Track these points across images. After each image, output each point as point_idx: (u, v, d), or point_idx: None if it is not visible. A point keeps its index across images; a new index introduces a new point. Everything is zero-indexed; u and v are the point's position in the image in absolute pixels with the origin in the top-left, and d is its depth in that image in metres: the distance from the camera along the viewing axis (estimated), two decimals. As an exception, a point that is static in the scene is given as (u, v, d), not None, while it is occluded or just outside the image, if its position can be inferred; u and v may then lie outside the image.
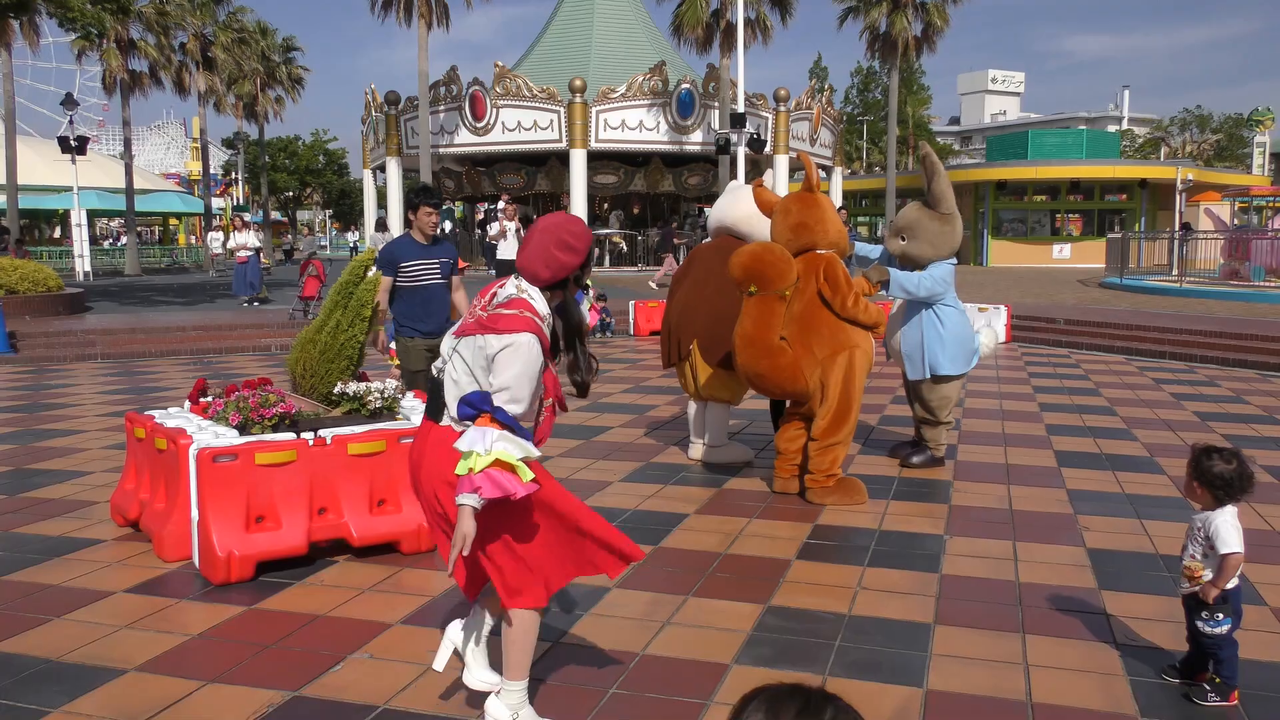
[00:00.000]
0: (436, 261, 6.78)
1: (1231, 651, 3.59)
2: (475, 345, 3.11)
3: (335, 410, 5.59)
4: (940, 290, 6.90)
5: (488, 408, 3.00)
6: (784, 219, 6.41)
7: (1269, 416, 9.27)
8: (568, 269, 3.19)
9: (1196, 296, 21.58)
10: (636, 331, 16.92)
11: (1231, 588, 3.58)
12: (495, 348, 3.06)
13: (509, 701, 3.35)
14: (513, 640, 3.31)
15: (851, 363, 6.18)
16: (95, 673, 3.89)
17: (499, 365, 3.05)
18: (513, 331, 3.05)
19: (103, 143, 74.18)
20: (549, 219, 3.26)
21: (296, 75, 50.85)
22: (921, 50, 39.30)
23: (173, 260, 46.12)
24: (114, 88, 35.86)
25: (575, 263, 3.19)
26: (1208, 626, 3.58)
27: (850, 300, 6.18)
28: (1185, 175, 40.21)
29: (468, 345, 3.15)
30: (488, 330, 3.08)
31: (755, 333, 5.97)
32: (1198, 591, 3.59)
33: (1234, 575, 3.54)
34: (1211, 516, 3.58)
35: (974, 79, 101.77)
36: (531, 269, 3.19)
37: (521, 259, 3.21)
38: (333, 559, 5.20)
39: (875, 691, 3.71)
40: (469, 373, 3.14)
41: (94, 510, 6.17)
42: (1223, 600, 3.56)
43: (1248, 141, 62.39)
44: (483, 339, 3.09)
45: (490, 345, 3.07)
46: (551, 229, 3.20)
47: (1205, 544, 3.59)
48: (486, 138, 31.94)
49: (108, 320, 17.50)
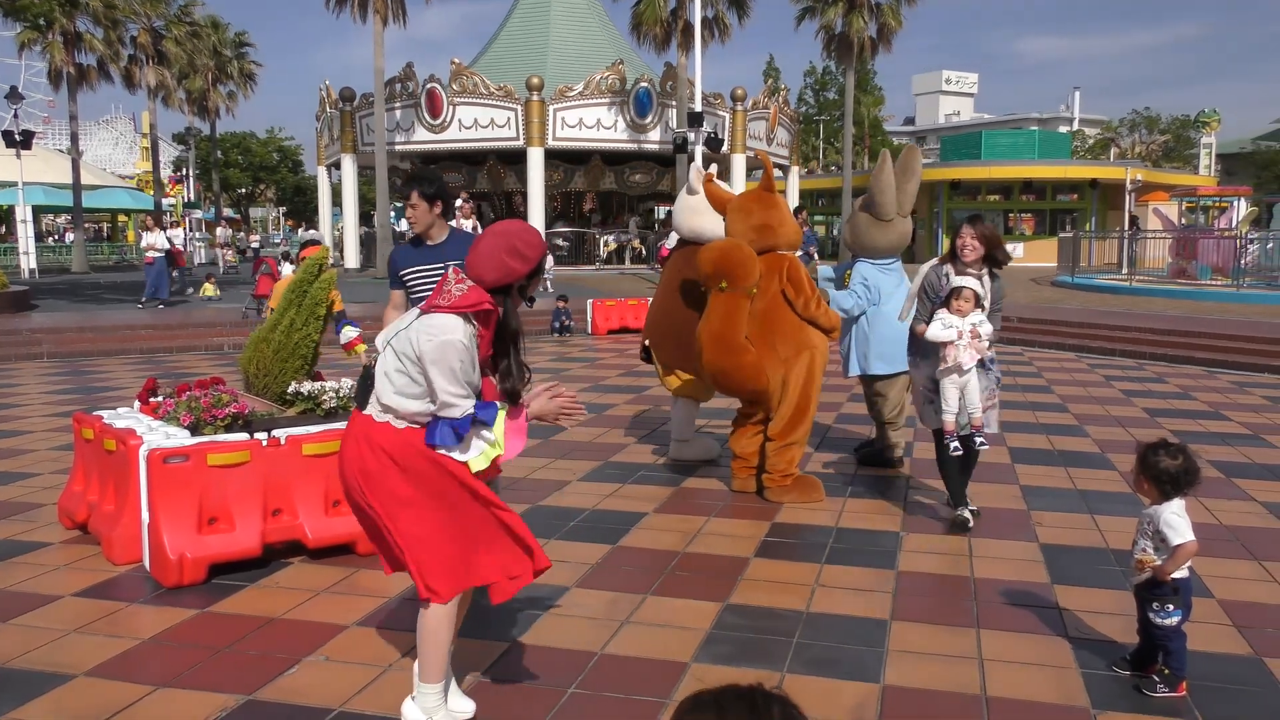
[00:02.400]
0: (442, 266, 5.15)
1: (1180, 643, 3.66)
2: (416, 328, 3.13)
3: (289, 410, 5.53)
4: (864, 304, 6.93)
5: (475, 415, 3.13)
6: (744, 219, 6.37)
7: (1215, 412, 9.45)
8: (514, 275, 3.17)
9: (1146, 295, 21.97)
10: (594, 331, 16.90)
11: (1181, 579, 3.65)
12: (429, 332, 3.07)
13: (424, 705, 3.33)
14: (424, 637, 3.27)
15: (812, 363, 6.22)
16: (43, 678, 3.81)
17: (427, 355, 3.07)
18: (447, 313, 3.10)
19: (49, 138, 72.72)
20: (505, 224, 3.25)
21: (249, 71, 50.20)
22: (877, 51, 39.56)
23: (121, 258, 45.31)
24: (60, 81, 35.15)
25: (523, 270, 3.18)
26: (1158, 618, 3.65)
27: (814, 303, 6.22)
28: (1134, 175, 40.94)
29: (411, 329, 3.15)
30: (431, 313, 3.12)
31: (722, 330, 5.97)
32: (1150, 576, 3.66)
33: (1186, 562, 3.62)
34: (1159, 510, 3.66)
35: (928, 80, 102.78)
36: (477, 271, 3.16)
37: (469, 259, 3.18)
38: (288, 560, 5.14)
39: (833, 688, 3.73)
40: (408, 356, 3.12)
41: (41, 513, 6.04)
42: (1174, 592, 3.63)
43: (1195, 142, 63.64)
44: (424, 320, 3.12)
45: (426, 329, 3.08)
46: (506, 234, 3.19)
47: (1155, 538, 3.66)
48: (443, 135, 31.74)
49: (55, 319, 17.16)
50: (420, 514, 3.16)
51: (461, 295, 3.11)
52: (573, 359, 13.68)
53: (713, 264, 5.91)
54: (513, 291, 3.22)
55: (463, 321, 3.09)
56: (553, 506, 6.19)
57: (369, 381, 3.24)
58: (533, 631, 4.25)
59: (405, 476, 3.16)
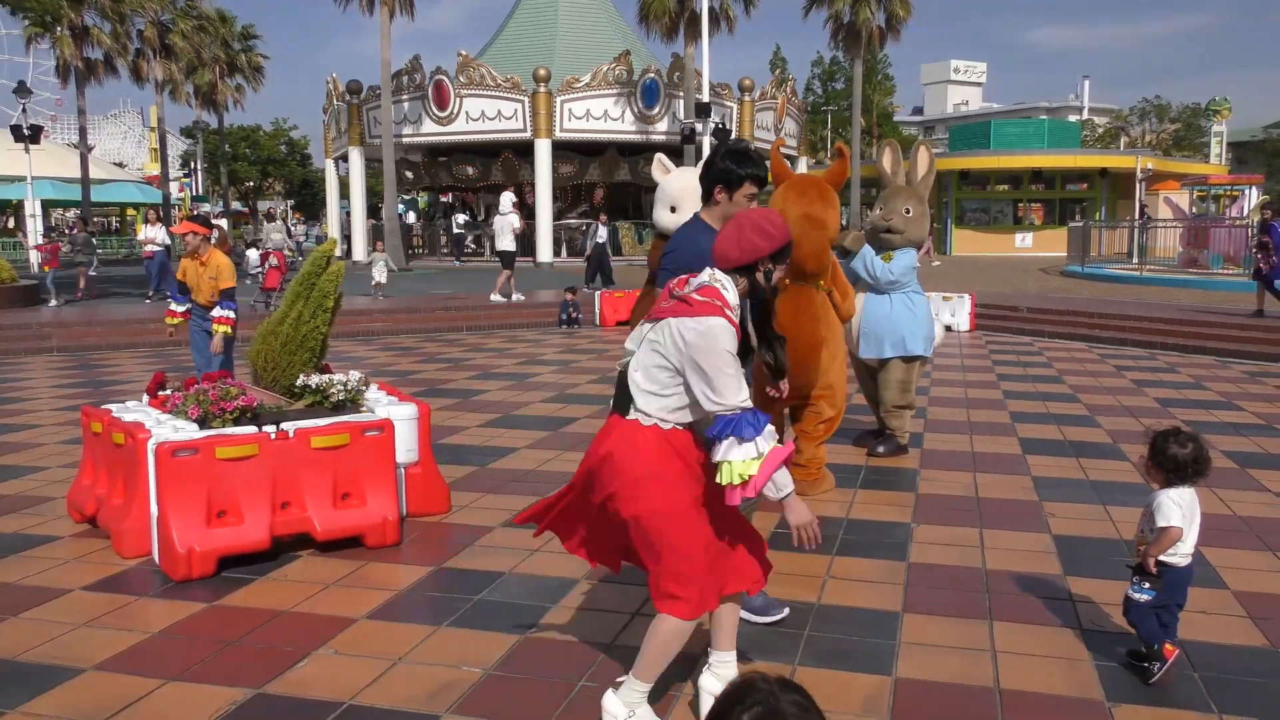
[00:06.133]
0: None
1: (1142, 616, 3.67)
2: (672, 329, 3.09)
3: (297, 403, 5.51)
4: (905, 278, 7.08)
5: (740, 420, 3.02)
6: (798, 202, 5.79)
7: (1227, 402, 9.39)
8: (759, 253, 3.17)
9: (1156, 284, 21.86)
10: (602, 322, 16.88)
11: (1180, 567, 3.63)
12: (694, 330, 3.04)
13: (627, 699, 3.28)
14: (656, 645, 3.23)
15: (844, 358, 6.26)
16: (53, 672, 3.80)
17: (696, 352, 3.02)
18: (705, 315, 3.06)
19: (57, 132, 72.87)
20: (751, 212, 3.32)
21: (257, 63, 50.26)
22: (885, 40, 39.50)
23: (130, 251, 45.43)
24: (68, 76, 35.20)
25: (768, 248, 3.17)
26: (1133, 590, 3.69)
27: (851, 301, 6.27)
28: (1145, 164, 40.75)
29: (663, 330, 3.12)
30: (682, 314, 3.08)
31: (813, 328, 5.79)
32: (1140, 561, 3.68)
33: (1169, 547, 3.61)
34: (1157, 494, 3.67)
35: (937, 69, 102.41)
36: (723, 250, 3.19)
37: (717, 242, 3.22)
38: (296, 554, 5.13)
39: (844, 680, 3.71)
40: (660, 355, 3.11)
41: (50, 506, 6.05)
42: (1157, 576, 3.63)
43: (1205, 131, 63.28)
44: (681, 322, 3.07)
45: (689, 329, 3.05)
46: (753, 216, 3.25)
47: (1148, 521, 3.66)
48: (450, 127, 31.74)
49: (63, 312, 17.20)
50: (682, 525, 3.14)
51: (704, 287, 3.12)
52: (581, 350, 13.66)
53: (816, 259, 5.65)
54: (757, 269, 3.21)
55: (720, 309, 3.10)
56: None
57: (624, 384, 3.21)
58: (543, 623, 4.24)
59: (666, 483, 3.14)
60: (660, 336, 3.13)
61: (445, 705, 3.52)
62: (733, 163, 3.90)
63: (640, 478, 3.13)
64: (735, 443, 3.01)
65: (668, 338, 3.10)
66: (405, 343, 14.98)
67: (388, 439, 5.36)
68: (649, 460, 3.13)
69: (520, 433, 8.09)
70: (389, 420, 5.42)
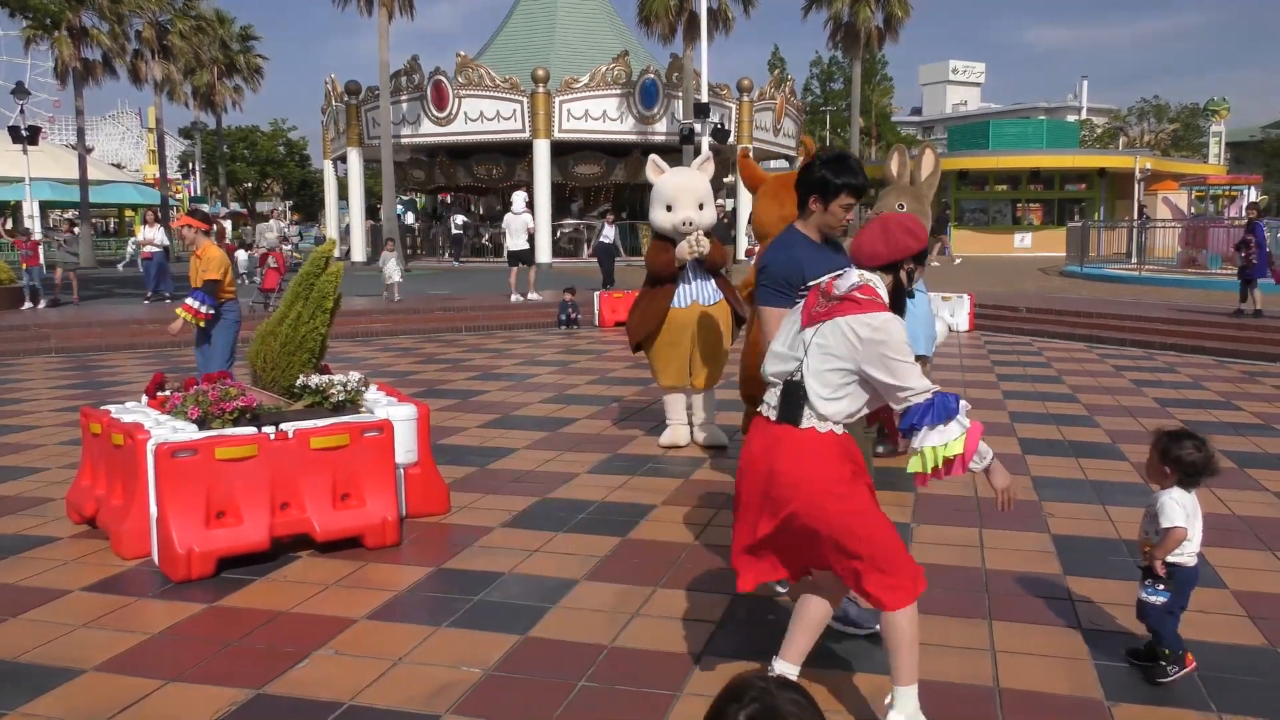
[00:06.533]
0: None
1: (1168, 624, 3.66)
2: (843, 327, 3.09)
3: (297, 404, 5.51)
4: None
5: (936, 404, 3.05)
6: (776, 208, 5.88)
7: (1226, 402, 9.40)
8: (908, 251, 3.22)
9: (1155, 284, 21.87)
10: (601, 323, 16.88)
11: (1187, 567, 3.64)
12: (870, 325, 3.06)
13: (906, 710, 3.23)
14: (903, 643, 3.20)
15: None
16: (53, 673, 3.80)
17: (881, 346, 3.04)
18: (875, 310, 3.09)
19: (55, 133, 72.82)
20: (894, 214, 3.36)
21: (255, 64, 50.21)
22: (884, 40, 39.51)
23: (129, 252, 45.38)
24: (66, 77, 35.18)
25: (915, 247, 3.23)
26: (1145, 593, 3.67)
27: None
28: (1143, 164, 40.76)
29: (831, 330, 3.11)
30: (851, 312, 3.08)
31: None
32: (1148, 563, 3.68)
33: (1175, 547, 3.61)
34: (1160, 495, 3.68)
35: (935, 70, 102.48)
36: (872, 247, 3.22)
37: (864, 242, 3.24)
38: (295, 554, 5.13)
39: (845, 681, 3.71)
40: (832, 357, 3.11)
41: (50, 507, 6.04)
42: (1168, 576, 3.63)
43: (1204, 131, 63.31)
44: (851, 320, 3.07)
45: (864, 325, 3.06)
46: (898, 218, 3.29)
47: (1152, 522, 3.68)
48: (449, 128, 31.72)
49: (62, 313, 17.19)
50: (873, 519, 3.18)
51: (862, 285, 3.14)
52: (580, 351, 13.66)
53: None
54: (902, 266, 3.25)
55: (884, 304, 3.14)
56: (561, 499, 6.17)
57: (795, 393, 3.17)
58: (542, 624, 4.24)
59: (853, 484, 3.17)
60: (829, 339, 3.12)
61: (445, 705, 3.52)
62: (829, 171, 3.76)
63: (831, 482, 3.13)
64: (940, 426, 3.04)
65: (840, 338, 3.10)
66: (404, 343, 14.98)
67: (387, 440, 5.36)
68: (834, 464, 3.14)
69: (519, 433, 8.09)
70: (388, 421, 5.42)
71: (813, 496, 3.13)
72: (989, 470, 3.16)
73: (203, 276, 7.73)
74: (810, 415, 3.15)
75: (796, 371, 3.17)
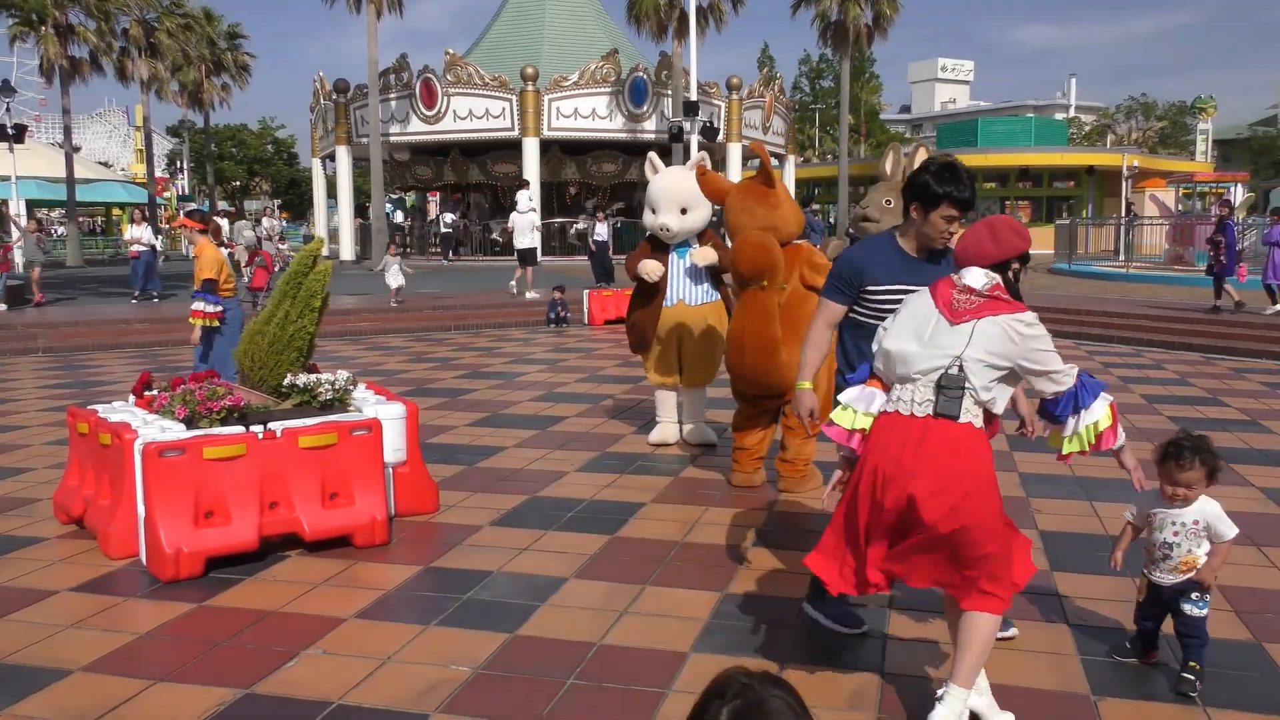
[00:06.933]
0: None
1: (1204, 632, 3.66)
2: (1002, 325, 3.16)
3: (285, 403, 5.50)
4: None
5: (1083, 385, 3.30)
6: (748, 217, 6.11)
7: (1213, 398, 9.45)
8: (1015, 250, 3.32)
9: (1143, 281, 21.98)
10: (591, 321, 16.88)
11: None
12: (1025, 323, 3.18)
13: (954, 710, 3.18)
14: (976, 646, 3.18)
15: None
16: (40, 673, 3.79)
17: (1036, 341, 3.19)
18: (1020, 308, 3.22)
19: (42, 132, 72.43)
20: (1001, 216, 3.45)
21: (243, 62, 50.00)
22: (873, 38, 39.60)
23: (116, 251, 45.18)
24: (53, 75, 35.00)
25: (1022, 246, 3.34)
26: (1196, 608, 3.63)
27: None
28: (1131, 162, 40.93)
29: (990, 326, 3.16)
30: (1003, 310, 3.17)
31: (764, 329, 5.71)
32: (1193, 578, 3.63)
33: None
34: (1210, 506, 3.63)
35: (924, 67, 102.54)
36: (981, 248, 3.30)
37: (972, 243, 3.30)
38: (284, 554, 5.12)
39: (832, 677, 3.72)
40: (991, 354, 3.15)
41: (37, 508, 6.02)
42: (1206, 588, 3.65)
43: (1191, 129, 63.63)
44: (1009, 319, 3.16)
45: (1019, 322, 3.17)
46: (1005, 219, 3.39)
47: (1204, 533, 3.62)
48: (438, 126, 31.67)
49: (49, 313, 17.11)
50: (1004, 523, 3.22)
51: (995, 284, 3.24)
52: (569, 349, 13.66)
53: (752, 263, 5.61)
54: (1010, 265, 3.34)
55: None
56: (551, 497, 6.18)
57: (957, 386, 3.15)
58: (531, 622, 4.24)
59: (994, 482, 3.21)
60: (990, 335, 3.15)
61: (434, 704, 3.52)
62: (933, 179, 3.60)
63: (984, 481, 3.15)
64: (1093, 406, 3.27)
65: (1001, 335, 3.15)
66: (393, 342, 14.96)
67: (376, 438, 5.35)
68: (988, 460, 3.20)
69: (509, 431, 8.09)
70: (377, 420, 5.42)
71: (969, 494, 3.10)
72: (1121, 450, 3.39)
73: (199, 276, 7.84)
74: (969, 409, 3.17)
75: (953, 365, 3.17)
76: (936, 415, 3.17)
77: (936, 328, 3.22)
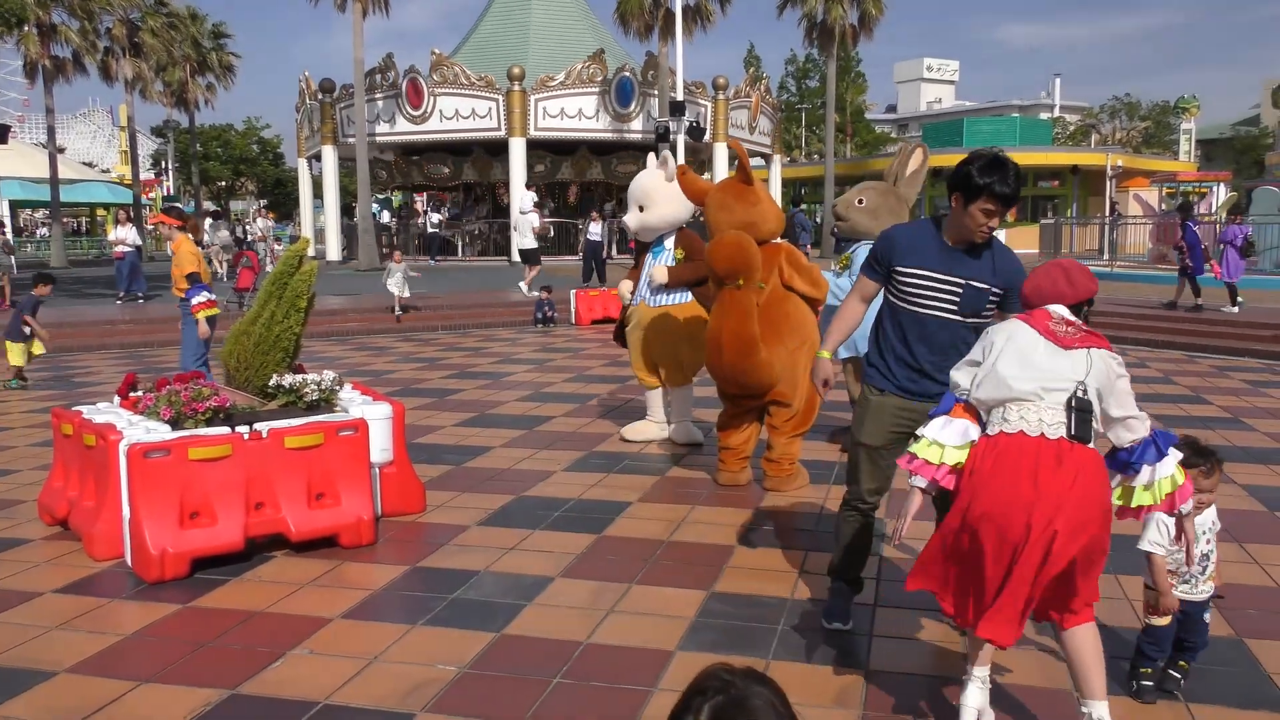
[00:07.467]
0: (962, 283, 3.77)
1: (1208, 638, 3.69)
2: (1106, 360, 3.14)
3: (271, 403, 5.49)
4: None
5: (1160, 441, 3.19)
6: (726, 215, 6.16)
7: (1196, 396, 9.51)
8: (1090, 293, 3.34)
9: (1127, 280, 22.10)
10: (578, 321, 16.88)
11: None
12: (1119, 362, 3.17)
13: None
14: (1094, 656, 3.15)
15: (808, 351, 6.19)
16: (25, 675, 3.78)
17: (1124, 382, 3.16)
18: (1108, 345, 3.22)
19: (25, 132, 71.99)
20: (1069, 261, 3.43)
21: (228, 62, 49.72)
22: (858, 38, 39.62)
23: (100, 252, 44.93)
24: (35, 75, 34.77)
25: (1094, 290, 3.35)
26: (1208, 614, 3.66)
27: (817, 275, 6.28)
28: (1115, 162, 41.14)
29: (1099, 359, 3.13)
30: (1099, 345, 3.16)
31: (740, 328, 5.69)
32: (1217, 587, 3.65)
33: None
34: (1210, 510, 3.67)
35: (910, 67, 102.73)
36: (1056, 289, 3.30)
37: (1046, 284, 3.31)
38: (270, 554, 5.11)
39: (818, 674, 3.74)
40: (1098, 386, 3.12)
41: (21, 509, 5.99)
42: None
43: (1175, 129, 63.94)
44: (1109, 354, 3.15)
45: (1115, 360, 3.16)
46: (1076, 265, 3.38)
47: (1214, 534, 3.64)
48: (424, 126, 31.60)
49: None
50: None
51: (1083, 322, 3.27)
52: (556, 349, 13.65)
53: (728, 261, 5.57)
54: (1084, 307, 3.36)
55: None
56: (537, 497, 6.18)
57: (1087, 411, 3.07)
58: (518, 622, 4.25)
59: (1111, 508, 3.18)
60: (1097, 368, 3.11)
61: (421, 704, 3.52)
62: (976, 170, 3.59)
63: (1108, 505, 3.11)
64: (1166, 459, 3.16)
65: (1103, 368, 3.12)
66: (379, 342, 14.92)
67: (362, 439, 5.34)
68: (1109, 485, 3.17)
69: (495, 431, 8.09)
70: (363, 420, 5.41)
71: (1097, 518, 3.04)
72: (1187, 516, 3.25)
73: (181, 273, 7.90)
74: (1094, 435, 3.12)
75: (1079, 389, 3.08)
76: (1072, 438, 3.05)
77: (1047, 352, 3.13)
